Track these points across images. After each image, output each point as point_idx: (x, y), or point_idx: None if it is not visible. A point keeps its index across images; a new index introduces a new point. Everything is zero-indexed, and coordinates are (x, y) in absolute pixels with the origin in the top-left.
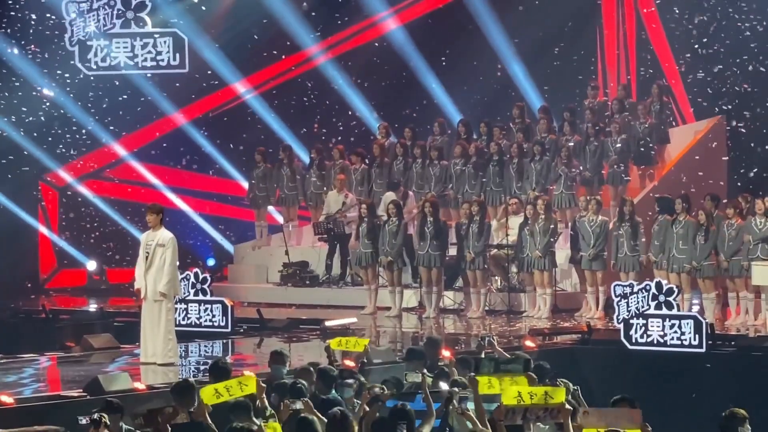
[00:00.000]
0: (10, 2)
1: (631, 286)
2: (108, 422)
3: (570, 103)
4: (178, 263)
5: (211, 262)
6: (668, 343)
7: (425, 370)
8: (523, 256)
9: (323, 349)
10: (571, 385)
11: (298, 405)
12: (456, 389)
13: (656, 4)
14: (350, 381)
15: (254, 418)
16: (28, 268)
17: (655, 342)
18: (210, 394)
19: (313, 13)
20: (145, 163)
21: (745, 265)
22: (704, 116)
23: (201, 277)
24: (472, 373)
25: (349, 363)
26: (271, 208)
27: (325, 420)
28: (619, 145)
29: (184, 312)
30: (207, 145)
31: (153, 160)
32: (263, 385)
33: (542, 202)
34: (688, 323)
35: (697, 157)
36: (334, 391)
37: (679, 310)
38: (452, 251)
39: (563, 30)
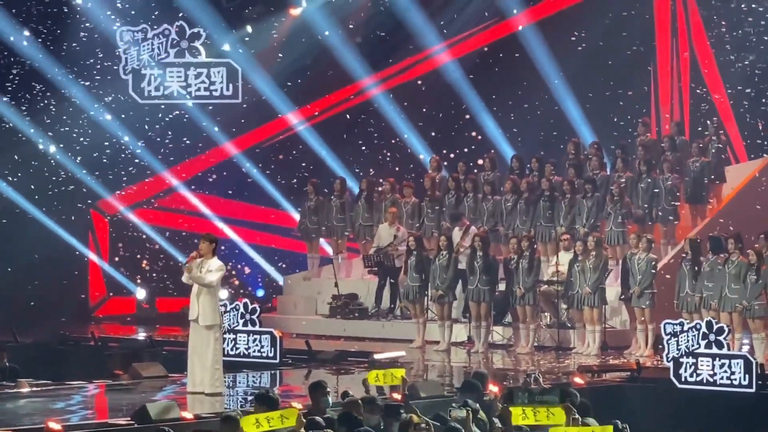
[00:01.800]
0: (63, 30)
1: (681, 324)
2: None
3: (622, 140)
4: (226, 294)
5: (260, 292)
6: (718, 383)
7: (477, 405)
8: (573, 292)
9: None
10: (620, 423)
11: None
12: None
13: (710, 43)
14: (400, 414)
15: None
16: (78, 296)
17: (705, 381)
18: (251, 423)
19: (369, 45)
20: (196, 192)
21: None
22: (757, 155)
23: (250, 307)
24: (505, 404)
25: (396, 396)
26: (322, 240)
27: None
28: (670, 182)
29: (233, 342)
30: (258, 175)
31: (204, 190)
32: (303, 420)
33: (593, 239)
34: (738, 363)
35: (750, 197)
36: (382, 424)
37: (729, 349)
38: (502, 286)
39: (617, 67)
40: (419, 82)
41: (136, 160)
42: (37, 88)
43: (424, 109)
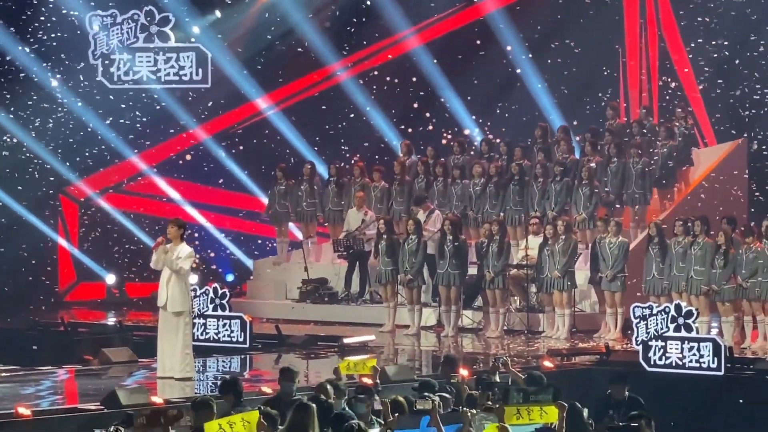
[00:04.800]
0: (32, 15)
1: (650, 308)
2: None
3: (591, 124)
4: (196, 279)
5: (230, 277)
6: (687, 366)
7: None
8: (543, 276)
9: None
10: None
11: None
12: (474, 411)
13: (679, 27)
14: (362, 396)
15: None
16: (47, 281)
17: (674, 364)
18: (215, 430)
19: (338, 29)
20: (166, 177)
21: (764, 290)
22: (725, 139)
23: (220, 292)
24: (496, 405)
25: (367, 380)
26: (292, 224)
27: None
28: (639, 166)
29: (203, 327)
30: (228, 160)
31: (174, 175)
32: (264, 422)
33: (562, 223)
34: (706, 346)
35: (718, 180)
36: (346, 407)
37: (697, 332)
38: (472, 270)
39: (587, 50)
40: (389, 66)
41: (106, 145)
42: (6, 72)
43: (394, 94)
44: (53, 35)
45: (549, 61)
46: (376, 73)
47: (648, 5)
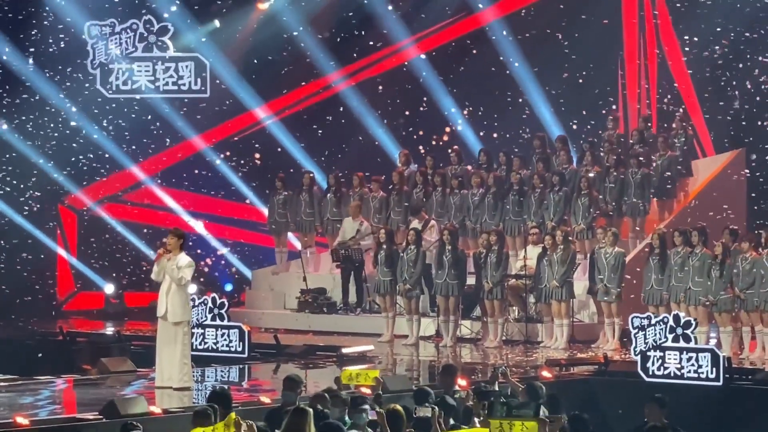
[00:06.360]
0: (30, 25)
1: (648, 318)
2: None
3: (590, 135)
4: (195, 288)
5: (228, 287)
6: (685, 376)
7: (435, 407)
8: (541, 286)
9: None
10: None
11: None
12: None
13: (678, 37)
14: (364, 407)
15: None
16: (46, 291)
17: (672, 375)
18: None
19: (337, 39)
20: (165, 187)
21: (762, 300)
22: (724, 149)
23: (218, 302)
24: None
25: (366, 390)
26: (290, 234)
27: None
28: (638, 177)
29: (201, 337)
30: (227, 169)
31: (172, 184)
32: (242, 423)
33: (561, 233)
34: (705, 356)
35: (717, 191)
36: (347, 418)
37: (696, 343)
38: (471, 280)
39: (585, 61)
40: (387, 76)
41: (104, 155)
42: (5, 83)
43: (393, 104)
44: (52, 45)
45: (548, 71)
46: (374, 81)
47: (647, 16)
